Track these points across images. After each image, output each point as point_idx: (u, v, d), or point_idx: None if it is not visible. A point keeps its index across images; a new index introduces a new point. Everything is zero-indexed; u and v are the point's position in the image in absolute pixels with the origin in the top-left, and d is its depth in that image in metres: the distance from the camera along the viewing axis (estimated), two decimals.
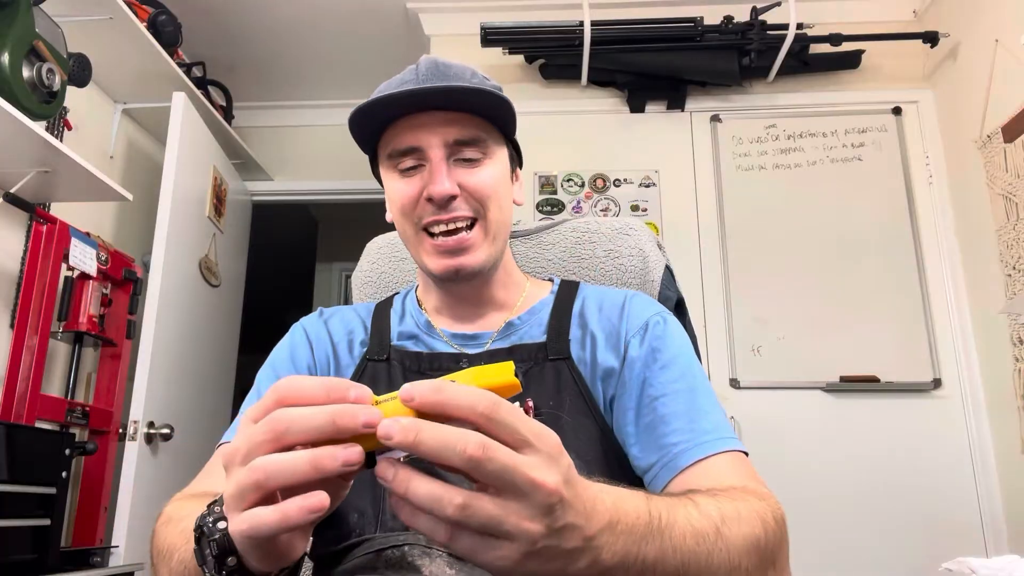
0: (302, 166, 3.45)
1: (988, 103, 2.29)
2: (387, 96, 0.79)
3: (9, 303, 2.13)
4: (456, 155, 0.82)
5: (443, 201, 0.80)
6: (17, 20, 1.76)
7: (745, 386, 2.42)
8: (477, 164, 0.83)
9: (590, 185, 2.66)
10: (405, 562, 0.68)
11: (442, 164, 0.80)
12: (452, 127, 0.81)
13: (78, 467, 2.25)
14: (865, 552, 2.26)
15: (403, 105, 0.81)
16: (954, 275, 2.47)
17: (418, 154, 0.82)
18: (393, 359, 0.85)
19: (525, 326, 0.86)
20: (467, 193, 0.81)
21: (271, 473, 0.41)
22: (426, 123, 0.81)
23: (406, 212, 0.83)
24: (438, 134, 0.81)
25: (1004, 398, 2.25)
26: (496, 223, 0.83)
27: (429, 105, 0.81)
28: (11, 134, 1.78)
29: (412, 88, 0.79)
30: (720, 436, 0.73)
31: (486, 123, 0.84)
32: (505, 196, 0.86)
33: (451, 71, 0.84)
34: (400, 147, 0.82)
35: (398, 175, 0.84)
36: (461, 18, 2.79)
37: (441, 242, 0.81)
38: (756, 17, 2.55)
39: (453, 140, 0.81)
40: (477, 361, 0.82)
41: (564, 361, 0.81)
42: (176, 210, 2.42)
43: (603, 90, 2.75)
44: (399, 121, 0.82)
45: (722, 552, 0.55)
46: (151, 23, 2.44)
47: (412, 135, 0.81)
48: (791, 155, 2.65)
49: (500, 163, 0.86)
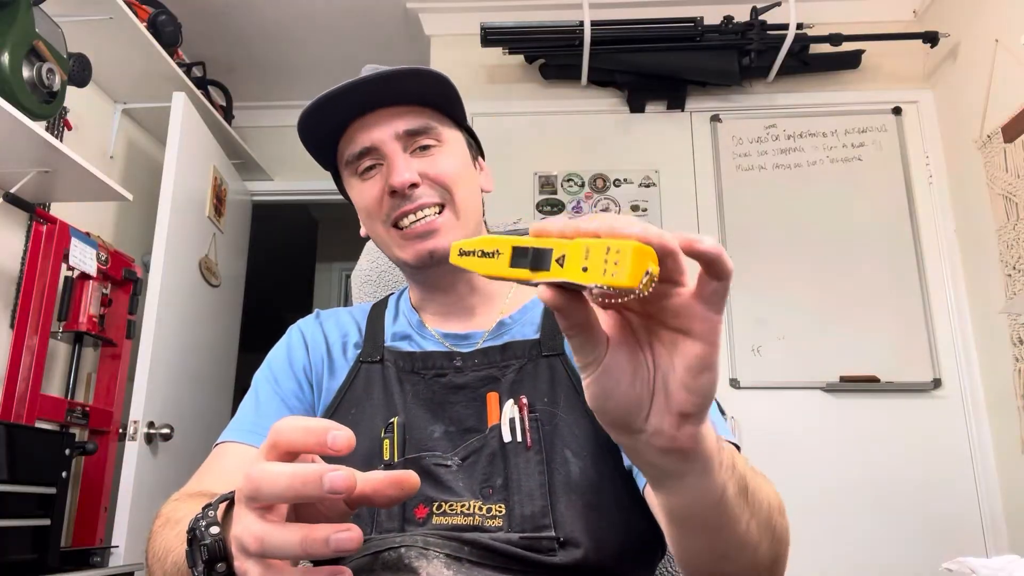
0: (302, 166, 3.43)
1: (988, 103, 2.29)
2: (321, 96, 0.80)
3: (9, 303, 2.13)
4: (411, 146, 0.83)
5: (405, 189, 0.80)
6: (17, 20, 1.76)
7: (745, 386, 2.42)
8: (434, 152, 0.83)
9: (590, 185, 2.66)
10: (402, 564, 0.68)
11: (398, 155, 0.81)
12: (400, 119, 0.82)
13: (78, 467, 2.25)
14: (865, 552, 2.26)
15: (346, 107, 0.82)
16: (954, 275, 2.47)
17: (374, 153, 0.82)
18: (387, 360, 0.84)
19: (517, 325, 0.86)
20: (429, 180, 0.82)
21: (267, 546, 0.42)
22: (374, 122, 0.82)
23: (373, 212, 0.83)
24: (388, 128, 0.82)
25: (1004, 398, 2.25)
26: (464, 207, 0.83)
27: (374, 104, 0.82)
28: (11, 134, 1.78)
29: (342, 84, 0.79)
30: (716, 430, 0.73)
31: (435, 112, 0.85)
32: (469, 180, 0.86)
33: (382, 69, 0.84)
34: (355, 150, 0.83)
35: (358, 179, 0.84)
36: (461, 18, 2.79)
37: (410, 229, 0.81)
38: (756, 17, 2.55)
39: (404, 131, 0.82)
40: (471, 360, 0.81)
41: (558, 357, 0.81)
42: (176, 210, 2.42)
43: (603, 90, 2.75)
44: (348, 127, 0.83)
45: (764, 491, 0.55)
46: (151, 23, 2.44)
47: (363, 135, 0.82)
48: (791, 155, 2.65)
49: (457, 148, 0.86)
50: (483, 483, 0.73)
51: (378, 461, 0.76)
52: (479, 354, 0.82)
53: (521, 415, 0.76)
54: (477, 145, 0.94)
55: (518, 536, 0.69)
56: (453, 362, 0.81)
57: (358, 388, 0.83)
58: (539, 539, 0.69)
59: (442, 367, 0.81)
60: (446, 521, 0.71)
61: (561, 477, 0.72)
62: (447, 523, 0.71)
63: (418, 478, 0.45)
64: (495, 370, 0.80)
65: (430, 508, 0.72)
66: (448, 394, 0.79)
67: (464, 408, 0.78)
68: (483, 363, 0.81)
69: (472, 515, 0.71)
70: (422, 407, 0.79)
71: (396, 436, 0.77)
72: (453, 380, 0.80)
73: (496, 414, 0.77)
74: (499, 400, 0.78)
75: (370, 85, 0.80)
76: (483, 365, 0.81)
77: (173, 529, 0.62)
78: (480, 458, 0.75)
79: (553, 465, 0.73)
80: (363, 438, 0.78)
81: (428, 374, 0.81)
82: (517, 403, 0.77)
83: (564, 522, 0.70)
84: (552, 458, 0.74)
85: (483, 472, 0.74)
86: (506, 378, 0.79)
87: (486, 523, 0.71)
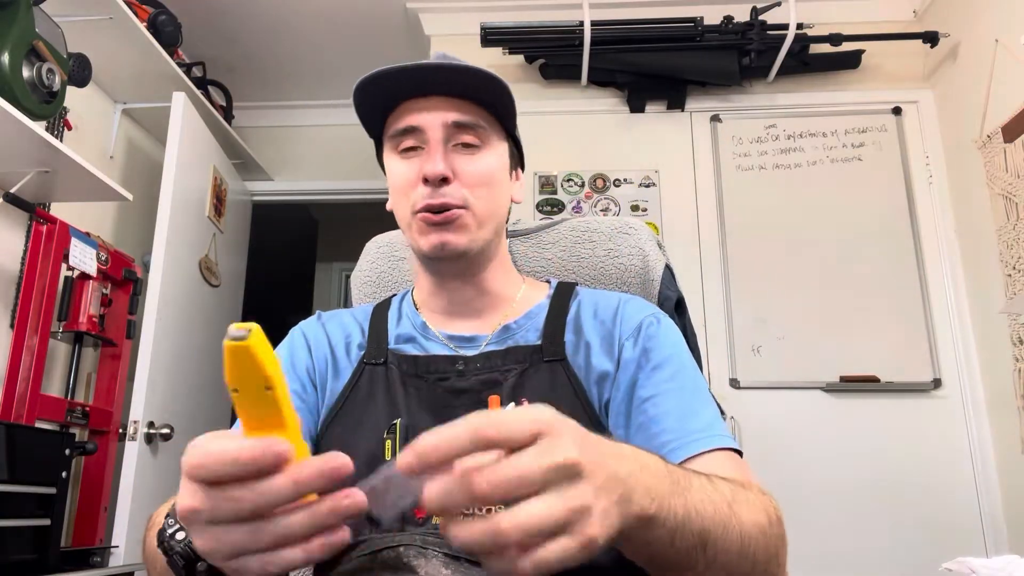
0: (302, 166, 3.45)
1: (988, 103, 2.29)
2: (387, 68, 0.80)
3: (9, 303, 2.13)
4: (455, 139, 0.83)
5: (436, 181, 0.80)
6: (17, 20, 1.76)
7: (745, 386, 2.42)
8: (474, 151, 0.83)
9: (590, 185, 2.66)
10: (401, 563, 0.68)
11: (439, 145, 0.81)
12: (452, 110, 0.82)
13: (78, 467, 2.25)
14: (865, 552, 2.26)
15: (406, 84, 0.82)
16: (954, 275, 2.47)
17: (418, 135, 0.83)
18: (391, 362, 0.85)
19: (521, 330, 0.86)
20: (460, 179, 0.82)
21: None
22: (427, 105, 0.82)
23: (404, 193, 0.84)
24: (438, 114, 0.82)
25: (1004, 398, 2.25)
26: (484, 213, 0.83)
27: (432, 88, 0.82)
28: (11, 134, 1.78)
29: (411, 63, 0.80)
30: (712, 434, 0.73)
31: (487, 113, 0.85)
32: (500, 189, 0.86)
33: (452, 61, 0.85)
34: (401, 126, 0.83)
35: (398, 156, 0.85)
36: (461, 18, 2.79)
37: (429, 216, 0.81)
38: (756, 17, 2.56)
39: (452, 122, 0.82)
40: (473, 364, 0.82)
41: (559, 363, 0.81)
42: (176, 210, 2.42)
43: (603, 90, 2.75)
44: (402, 104, 0.84)
45: (735, 528, 0.55)
46: (151, 23, 2.44)
47: (413, 115, 0.83)
48: (791, 155, 2.65)
49: (498, 154, 0.86)
50: None
51: (380, 461, 0.76)
52: (481, 358, 0.82)
53: None
54: (520, 156, 0.94)
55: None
56: (455, 366, 0.82)
57: (362, 389, 0.83)
58: None
59: (444, 371, 0.81)
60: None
61: None
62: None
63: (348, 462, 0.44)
64: (497, 374, 0.81)
65: None
66: (450, 398, 0.80)
67: (466, 411, 0.78)
68: (485, 367, 0.81)
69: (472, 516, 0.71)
70: (425, 410, 0.79)
71: (398, 437, 0.77)
72: (455, 384, 0.80)
73: None
74: (500, 403, 0.78)
75: (435, 71, 0.80)
76: (485, 369, 0.81)
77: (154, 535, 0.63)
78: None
79: None
80: (366, 438, 0.79)
81: (431, 378, 0.81)
82: (518, 405, 0.77)
83: None
84: None
85: None
86: (507, 382, 0.80)
87: None
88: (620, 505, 0.45)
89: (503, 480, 0.40)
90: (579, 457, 0.42)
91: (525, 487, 0.40)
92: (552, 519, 0.40)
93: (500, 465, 0.40)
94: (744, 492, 0.60)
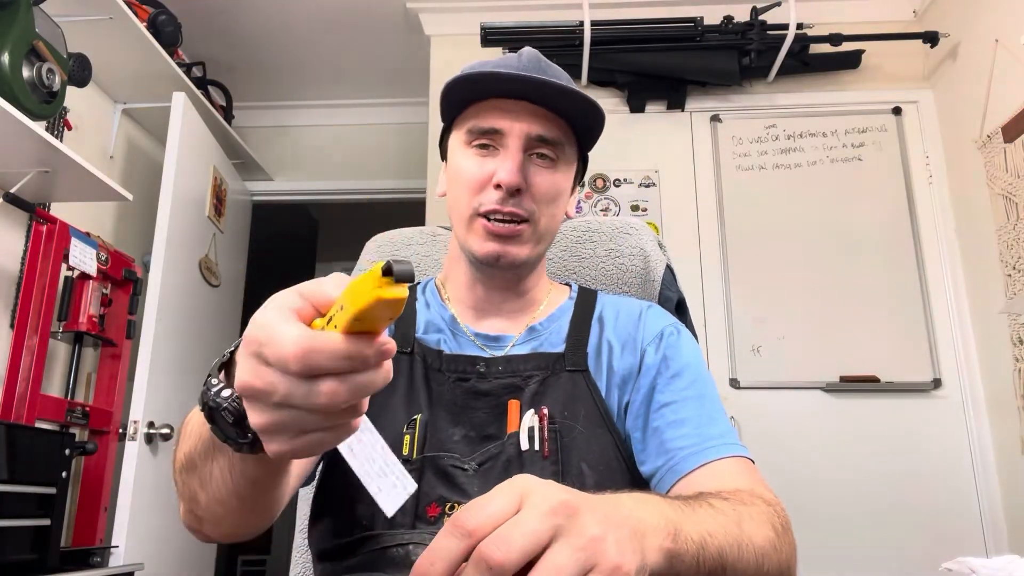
0: (302, 166, 3.45)
1: (988, 103, 2.29)
2: (494, 72, 0.79)
3: (9, 303, 2.13)
4: (532, 150, 0.82)
5: (511, 190, 0.80)
6: (17, 20, 1.76)
7: (745, 386, 2.42)
8: (550, 165, 0.83)
9: (590, 185, 2.66)
10: (409, 560, 0.68)
11: (519, 154, 0.81)
12: (537, 122, 0.82)
13: (78, 467, 2.25)
14: (865, 552, 2.26)
15: (499, 87, 0.81)
16: (954, 275, 2.47)
17: (498, 137, 0.82)
18: (416, 353, 0.85)
19: (546, 332, 0.87)
20: (531, 192, 0.82)
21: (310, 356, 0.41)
22: (514, 110, 0.82)
23: (471, 191, 0.83)
24: (523, 123, 0.81)
25: (1004, 398, 2.25)
26: (545, 229, 0.84)
27: (521, 94, 0.81)
28: (11, 134, 1.78)
29: (520, 73, 0.79)
30: (727, 442, 0.74)
31: (569, 130, 0.84)
32: (561, 205, 0.87)
33: (551, 70, 0.85)
34: (483, 126, 0.82)
35: (472, 152, 0.84)
36: (461, 18, 2.79)
37: (495, 226, 0.81)
38: (756, 17, 2.55)
39: (536, 135, 0.82)
40: (494, 366, 0.82)
41: (581, 373, 0.82)
42: (176, 210, 2.42)
43: (603, 90, 2.75)
44: (488, 101, 0.83)
45: (748, 546, 0.55)
46: (151, 23, 2.44)
47: (498, 117, 0.82)
48: (791, 155, 2.65)
49: (568, 172, 0.87)
50: None
51: (398, 456, 0.76)
52: (503, 361, 0.83)
53: (541, 424, 0.77)
54: (583, 172, 0.94)
55: None
56: (477, 367, 0.82)
57: None
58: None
59: (466, 372, 0.82)
60: None
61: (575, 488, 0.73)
62: None
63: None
64: (518, 379, 0.81)
65: (443, 508, 0.73)
66: (470, 399, 0.80)
67: (485, 415, 0.79)
68: (507, 371, 0.82)
69: None
70: (444, 408, 0.80)
71: (417, 433, 0.78)
72: (476, 386, 0.81)
73: (516, 422, 0.78)
74: (520, 409, 0.79)
75: (536, 84, 0.79)
76: (506, 373, 0.82)
77: (188, 423, 0.61)
78: (497, 464, 0.76)
79: (568, 475, 0.74)
80: (385, 431, 0.79)
81: (452, 376, 0.82)
82: (538, 413, 0.78)
83: None
84: (568, 469, 0.75)
85: (498, 478, 0.74)
86: (528, 388, 0.80)
87: None
88: (635, 540, 0.43)
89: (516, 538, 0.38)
90: (567, 497, 0.41)
91: (537, 538, 0.39)
92: (575, 558, 0.39)
93: (504, 529, 0.39)
94: (747, 508, 0.60)
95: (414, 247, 1.11)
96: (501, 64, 0.83)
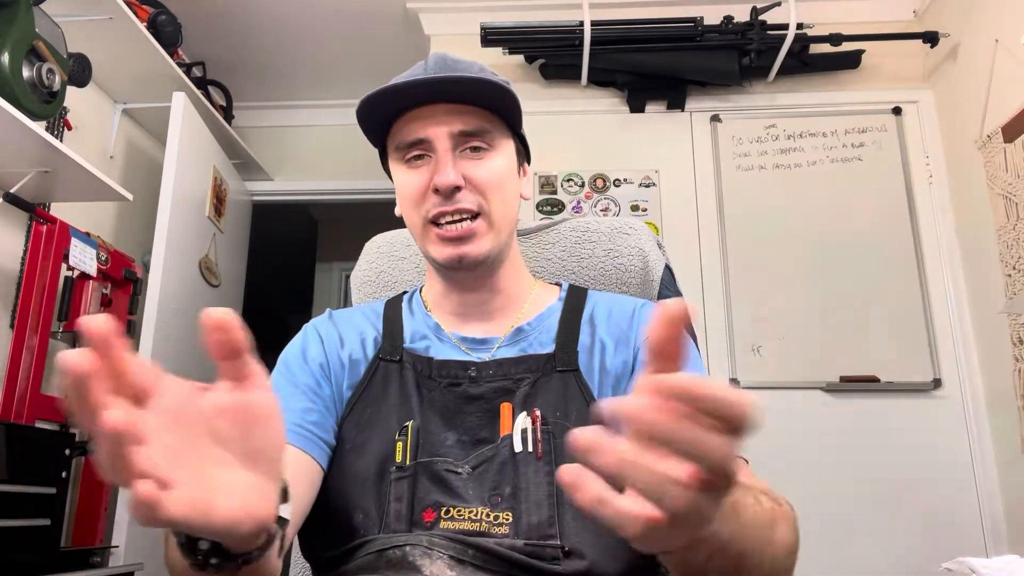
0: (302, 166, 3.45)
1: (988, 103, 2.29)
2: (391, 86, 0.80)
3: (9, 303, 2.13)
4: (462, 146, 0.83)
5: (448, 191, 0.81)
6: (17, 20, 1.76)
7: (745, 386, 2.42)
8: (483, 155, 0.84)
9: (590, 185, 2.66)
10: (406, 562, 0.68)
11: (448, 155, 0.82)
12: (458, 119, 0.82)
13: (78, 467, 2.25)
14: (865, 552, 2.26)
15: (410, 97, 0.82)
16: (954, 275, 2.47)
17: (425, 145, 0.83)
18: (405, 361, 0.85)
19: (534, 332, 0.86)
20: (472, 185, 0.82)
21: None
22: (432, 115, 0.82)
23: (415, 204, 0.84)
24: (444, 125, 0.82)
25: (1004, 398, 2.25)
26: (499, 217, 0.84)
27: (436, 98, 0.82)
28: (11, 134, 1.78)
29: (416, 78, 0.80)
30: None
31: (492, 116, 0.85)
32: (510, 189, 0.87)
33: (459, 66, 0.85)
34: (407, 139, 0.83)
35: (405, 167, 0.85)
36: (461, 18, 2.79)
37: (446, 231, 0.82)
38: (756, 17, 2.55)
39: (459, 131, 0.82)
40: (485, 371, 0.82)
41: (572, 373, 0.82)
42: (176, 210, 2.42)
43: (603, 90, 2.75)
44: (407, 114, 0.84)
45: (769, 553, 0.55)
46: (151, 23, 2.45)
47: (419, 126, 0.83)
48: (791, 155, 2.65)
49: (506, 156, 0.87)
50: (492, 491, 0.74)
51: (391, 463, 0.77)
52: (494, 365, 0.83)
53: (534, 426, 0.77)
54: (526, 151, 0.94)
55: (523, 543, 0.70)
56: (468, 372, 0.82)
57: (376, 386, 0.83)
58: (543, 547, 0.70)
59: (457, 376, 0.82)
60: (453, 526, 0.72)
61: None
62: (454, 528, 0.72)
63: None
64: (509, 382, 0.81)
65: (438, 513, 0.73)
66: (462, 404, 0.80)
67: (478, 419, 0.79)
68: (498, 374, 0.82)
69: (479, 521, 0.72)
70: (436, 414, 0.80)
71: (410, 439, 0.78)
72: (468, 390, 0.81)
73: (509, 424, 0.78)
74: (512, 411, 0.79)
75: (435, 85, 0.81)
76: (498, 377, 0.81)
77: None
78: (491, 467, 0.75)
79: None
80: (378, 438, 0.79)
81: (443, 382, 0.82)
82: (530, 415, 0.78)
83: (570, 533, 0.71)
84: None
85: (493, 480, 0.74)
86: (520, 391, 0.80)
87: (493, 530, 0.72)
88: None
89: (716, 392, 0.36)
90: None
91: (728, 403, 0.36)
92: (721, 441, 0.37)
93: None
94: (782, 510, 0.60)
95: (413, 247, 1.11)
96: (407, 75, 0.84)
